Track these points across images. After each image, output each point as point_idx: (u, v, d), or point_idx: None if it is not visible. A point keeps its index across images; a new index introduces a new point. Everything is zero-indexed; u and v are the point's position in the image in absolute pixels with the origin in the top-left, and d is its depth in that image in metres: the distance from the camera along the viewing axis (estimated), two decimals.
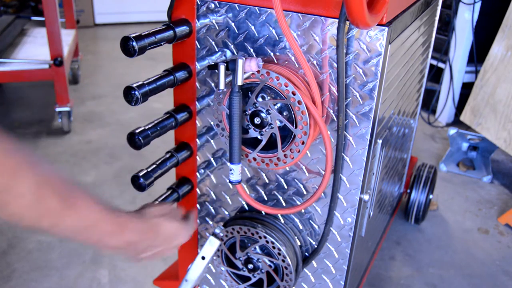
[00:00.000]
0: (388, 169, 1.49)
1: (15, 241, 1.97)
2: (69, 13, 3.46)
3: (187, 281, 1.19)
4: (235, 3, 1.08)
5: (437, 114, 3.16)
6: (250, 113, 1.05)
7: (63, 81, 2.78)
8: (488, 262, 1.97)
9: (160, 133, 1.10)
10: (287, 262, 1.18)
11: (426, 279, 1.86)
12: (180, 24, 1.10)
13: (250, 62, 0.98)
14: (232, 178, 1.07)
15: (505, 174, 2.61)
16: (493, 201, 2.37)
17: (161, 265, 1.86)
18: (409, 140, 1.88)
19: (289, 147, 1.04)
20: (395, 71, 1.16)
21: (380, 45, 0.97)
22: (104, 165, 2.56)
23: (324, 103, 1.06)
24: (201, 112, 1.22)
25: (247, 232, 1.19)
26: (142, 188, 1.10)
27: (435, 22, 1.73)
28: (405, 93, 1.44)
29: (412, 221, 2.11)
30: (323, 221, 1.19)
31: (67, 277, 1.80)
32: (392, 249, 2.01)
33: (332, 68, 1.03)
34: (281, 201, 1.22)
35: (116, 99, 3.34)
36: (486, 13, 2.83)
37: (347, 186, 1.12)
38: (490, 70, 2.47)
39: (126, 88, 0.99)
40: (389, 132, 1.30)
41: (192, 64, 1.17)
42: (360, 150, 1.07)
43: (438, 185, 2.42)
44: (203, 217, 1.36)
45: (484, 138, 2.51)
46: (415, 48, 1.40)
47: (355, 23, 0.85)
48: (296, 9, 1.02)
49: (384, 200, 1.58)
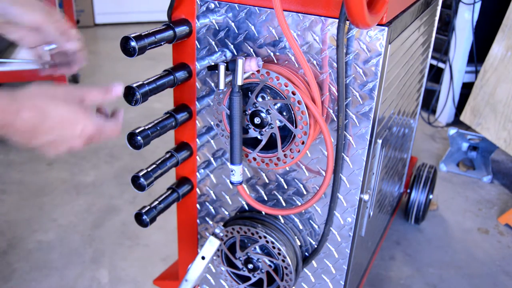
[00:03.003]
0: (388, 169, 1.49)
1: (15, 241, 1.97)
2: (69, 13, 3.47)
3: (187, 281, 1.19)
4: (235, 3, 1.08)
5: (437, 114, 3.16)
6: (250, 113, 1.05)
7: (63, 81, 2.78)
8: (488, 262, 1.97)
9: (160, 133, 1.10)
10: (287, 262, 1.18)
11: (426, 279, 1.86)
12: (180, 24, 1.10)
13: (250, 62, 0.98)
14: (234, 179, 1.07)
15: (505, 174, 2.61)
16: (493, 201, 2.37)
17: (161, 265, 1.86)
18: (409, 140, 1.88)
19: (289, 147, 1.04)
20: (395, 71, 1.16)
21: (380, 45, 0.97)
22: (104, 165, 2.56)
23: (324, 103, 1.06)
24: (201, 112, 1.22)
25: (247, 232, 1.19)
26: (142, 188, 1.10)
27: (435, 22, 1.73)
28: (405, 93, 1.44)
29: (412, 221, 2.11)
30: (323, 221, 1.19)
31: (67, 277, 1.80)
32: (392, 249, 2.01)
33: (332, 68, 1.03)
34: (281, 201, 1.22)
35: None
36: (486, 13, 2.83)
37: (347, 186, 1.12)
38: (490, 70, 2.47)
39: (126, 88, 0.99)
40: (389, 132, 1.30)
41: (192, 64, 1.17)
42: (360, 150, 1.07)
43: (438, 185, 2.42)
44: (203, 217, 1.36)
45: (484, 138, 2.51)
46: (415, 48, 1.40)
47: (355, 23, 0.85)
48: (296, 9, 1.02)
49: (384, 200, 1.58)
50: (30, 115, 0.78)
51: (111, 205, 2.22)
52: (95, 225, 2.09)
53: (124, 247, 1.96)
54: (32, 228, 2.05)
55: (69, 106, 0.82)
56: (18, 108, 0.77)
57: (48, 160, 2.57)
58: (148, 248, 1.96)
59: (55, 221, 2.10)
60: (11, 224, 2.07)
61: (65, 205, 2.21)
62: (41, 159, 2.58)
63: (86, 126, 0.84)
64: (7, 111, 0.76)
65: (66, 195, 2.29)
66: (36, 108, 0.79)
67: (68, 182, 2.39)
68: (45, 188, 2.33)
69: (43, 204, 2.21)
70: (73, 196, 2.28)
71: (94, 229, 2.06)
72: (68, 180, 2.41)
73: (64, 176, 2.44)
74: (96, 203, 2.23)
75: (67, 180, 2.41)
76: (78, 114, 0.83)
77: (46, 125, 0.80)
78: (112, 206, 2.22)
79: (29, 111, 0.78)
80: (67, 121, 0.82)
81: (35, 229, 2.05)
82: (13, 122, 0.77)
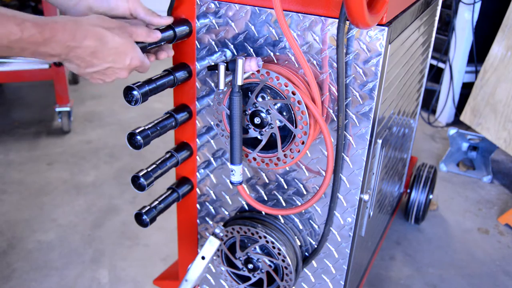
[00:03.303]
0: (388, 169, 1.49)
1: (15, 241, 1.97)
2: None
3: (187, 281, 1.19)
4: (235, 3, 1.07)
5: (437, 114, 3.16)
6: (250, 113, 1.05)
7: (63, 81, 2.78)
8: (488, 262, 1.97)
9: (160, 133, 1.10)
10: (287, 262, 1.18)
11: (426, 279, 1.86)
12: (180, 24, 1.10)
13: (250, 62, 0.98)
14: (234, 179, 1.07)
15: (505, 174, 2.61)
16: (493, 201, 2.37)
17: (161, 265, 1.86)
18: (409, 140, 1.88)
19: (289, 147, 1.04)
20: (395, 71, 1.16)
21: (380, 45, 0.97)
22: (104, 165, 2.56)
23: (324, 103, 1.06)
24: (201, 112, 1.22)
25: (247, 232, 1.19)
26: (142, 188, 1.10)
27: (435, 22, 1.73)
28: (405, 93, 1.44)
29: (412, 221, 2.11)
30: (323, 221, 1.19)
31: (67, 277, 1.80)
32: (392, 249, 2.01)
33: (332, 68, 1.03)
34: (281, 201, 1.22)
35: (116, 99, 3.35)
36: (486, 13, 2.83)
37: (347, 186, 1.12)
38: (490, 70, 2.47)
39: (126, 88, 0.99)
40: (389, 132, 1.30)
41: (192, 64, 1.17)
42: (360, 150, 1.07)
43: (438, 185, 2.42)
44: (203, 217, 1.36)
45: (484, 138, 2.51)
46: (415, 48, 1.40)
47: (355, 23, 0.85)
48: (296, 9, 1.02)
49: (384, 200, 1.58)
50: (92, 41, 0.86)
51: (111, 205, 2.23)
52: (95, 225, 2.09)
53: (124, 247, 1.96)
54: (32, 228, 2.05)
55: (122, 39, 0.90)
56: (84, 34, 0.85)
57: (48, 160, 2.57)
58: (148, 248, 1.96)
59: (55, 221, 2.10)
60: (11, 224, 2.07)
61: (65, 205, 2.21)
62: (41, 159, 2.58)
63: (133, 58, 0.93)
64: (75, 35, 0.84)
65: (66, 195, 2.29)
66: (98, 35, 0.87)
67: (68, 182, 2.39)
68: (45, 188, 2.33)
69: (43, 204, 2.21)
70: (73, 196, 2.28)
71: (94, 229, 2.06)
72: (68, 180, 2.41)
73: (64, 176, 2.44)
74: (96, 203, 2.23)
75: (67, 180, 2.41)
76: (128, 47, 0.92)
77: (104, 52, 0.88)
78: (112, 206, 2.22)
79: (92, 38, 0.86)
80: (121, 52, 0.91)
81: (35, 229, 2.05)
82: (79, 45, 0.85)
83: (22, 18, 0.79)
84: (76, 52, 0.87)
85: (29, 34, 0.79)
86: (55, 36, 0.82)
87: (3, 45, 0.78)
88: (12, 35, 0.77)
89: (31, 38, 0.80)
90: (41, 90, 3.45)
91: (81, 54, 0.87)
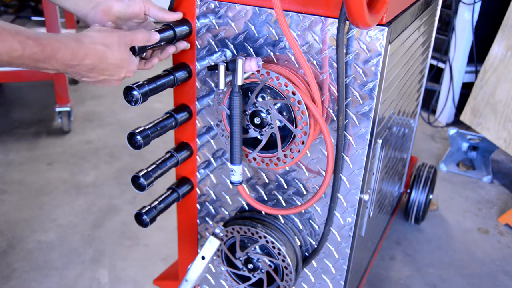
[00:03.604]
0: (388, 169, 1.49)
1: (15, 241, 1.97)
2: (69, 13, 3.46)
3: (187, 281, 1.19)
4: (235, 3, 1.07)
5: (437, 114, 3.16)
6: (250, 113, 1.05)
7: (63, 81, 2.78)
8: (488, 262, 1.97)
9: (160, 133, 1.10)
10: (287, 262, 1.18)
11: (426, 279, 1.86)
12: (180, 24, 1.10)
13: (250, 62, 0.98)
14: (234, 179, 1.07)
15: (505, 174, 2.61)
16: (493, 201, 2.37)
17: (161, 265, 1.86)
18: (409, 140, 1.88)
19: (289, 147, 1.04)
20: (395, 71, 1.16)
21: (380, 45, 0.97)
22: (104, 165, 2.56)
23: (324, 103, 1.06)
24: (201, 112, 1.22)
25: (247, 232, 1.19)
26: (142, 188, 1.10)
27: (435, 22, 1.73)
28: (405, 93, 1.44)
29: (412, 221, 2.11)
30: (323, 221, 1.19)
31: (67, 277, 1.80)
32: (392, 249, 2.01)
33: (332, 68, 1.03)
34: (281, 201, 1.22)
35: (116, 99, 3.35)
36: (486, 13, 2.83)
37: (347, 186, 1.12)
38: (490, 70, 2.47)
39: (126, 88, 0.99)
40: (389, 132, 1.30)
41: (192, 64, 1.17)
42: (360, 150, 1.07)
43: (438, 185, 2.42)
44: (203, 217, 1.36)
45: (484, 138, 2.51)
46: (415, 48, 1.40)
47: (355, 23, 0.85)
48: (296, 9, 1.02)
49: (384, 200, 1.58)
50: (92, 60, 0.92)
51: (111, 205, 2.23)
52: (95, 225, 2.09)
53: (124, 247, 1.96)
54: (32, 228, 2.05)
55: (121, 54, 0.96)
56: (85, 53, 0.90)
57: (48, 160, 2.57)
58: (148, 248, 1.96)
59: (55, 221, 2.10)
60: (11, 224, 2.07)
61: (65, 205, 2.21)
62: (41, 159, 2.58)
63: (129, 71, 0.99)
64: (76, 55, 0.89)
65: (66, 195, 2.29)
66: (99, 54, 0.92)
67: (68, 182, 2.39)
68: (45, 188, 2.33)
69: (43, 204, 2.21)
70: (73, 196, 2.28)
71: (94, 229, 2.06)
72: (68, 180, 2.41)
73: (64, 176, 2.44)
74: (96, 203, 2.23)
75: (67, 180, 2.41)
76: (126, 62, 0.97)
77: (102, 67, 0.94)
78: (112, 206, 2.22)
79: (93, 57, 0.91)
80: (118, 67, 0.96)
81: (35, 229, 2.05)
82: (78, 64, 0.90)
83: (25, 35, 0.81)
84: (75, 68, 0.91)
85: (30, 52, 0.82)
86: (56, 55, 0.86)
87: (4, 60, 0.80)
88: (14, 51, 0.80)
89: (32, 55, 0.82)
90: (41, 90, 3.45)
91: (79, 70, 0.92)
